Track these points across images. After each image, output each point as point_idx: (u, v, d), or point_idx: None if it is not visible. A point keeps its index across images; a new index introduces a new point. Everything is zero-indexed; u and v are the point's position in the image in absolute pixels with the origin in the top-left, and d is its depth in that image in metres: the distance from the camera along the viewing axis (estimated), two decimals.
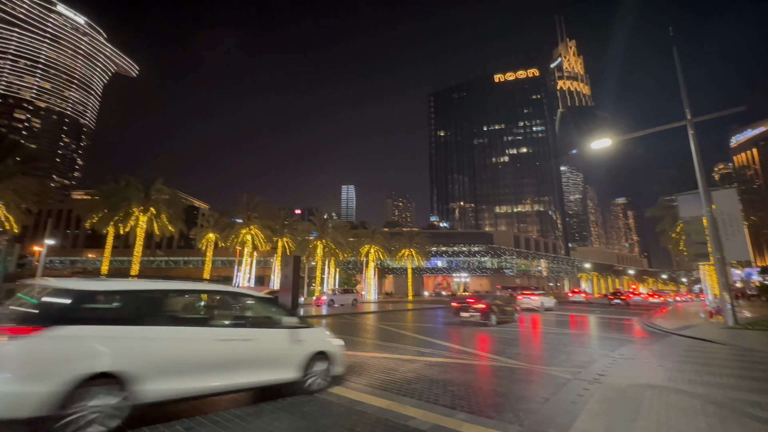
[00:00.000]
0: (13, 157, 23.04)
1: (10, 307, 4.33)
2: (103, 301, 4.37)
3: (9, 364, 3.42)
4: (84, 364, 3.67)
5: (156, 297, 4.68)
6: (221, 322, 5.23)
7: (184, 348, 4.40)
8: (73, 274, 57.88)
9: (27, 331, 3.52)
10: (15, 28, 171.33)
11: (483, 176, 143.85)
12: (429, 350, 9.99)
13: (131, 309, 4.32)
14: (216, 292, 5.64)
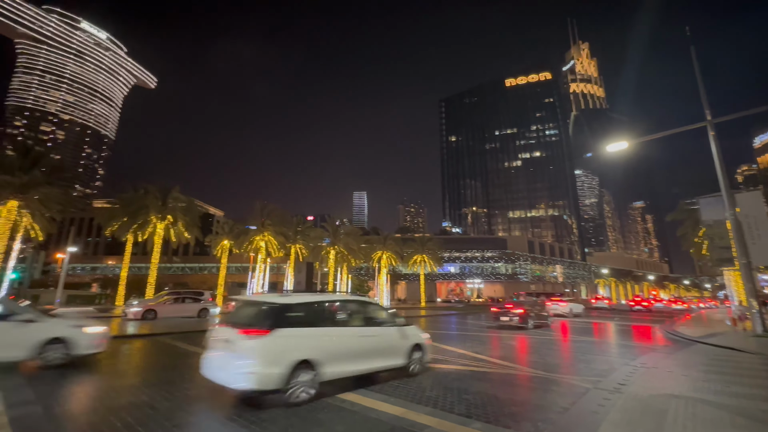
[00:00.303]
0: (39, 168, 23.96)
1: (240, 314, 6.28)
2: (295, 310, 6.00)
3: (255, 354, 5.17)
4: (294, 354, 5.47)
5: (321, 306, 6.63)
6: (359, 323, 6.96)
7: (342, 342, 6.24)
8: (93, 281, 59.53)
9: (262, 333, 5.34)
10: (43, 46, 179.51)
11: (496, 181, 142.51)
12: (441, 357, 9.84)
13: (310, 315, 6.21)
14: (355, 301, 7.48)
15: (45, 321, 7.99)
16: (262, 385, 5.12)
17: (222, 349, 5.63)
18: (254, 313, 5.97)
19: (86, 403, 5.94)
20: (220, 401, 5.75)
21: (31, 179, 23.00)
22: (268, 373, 5.14)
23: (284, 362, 5.28)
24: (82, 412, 5.42)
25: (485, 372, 7.98)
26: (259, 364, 5.11)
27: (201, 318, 21.78)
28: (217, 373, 5.52)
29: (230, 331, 5.58)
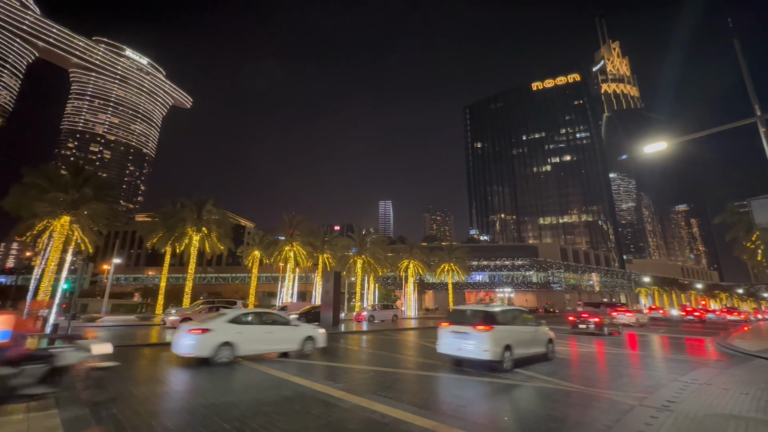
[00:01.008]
0: (88, 186, 25.84)
1: None
2: (501, 315, 9.85)
3: (489, 341, 8.91)
4: (505, 340, 9.30)
5: (510, 313, 10.55)
6: (525, 324, 10.81)
7: (522, 335, 10.14)
8: (135, 290, 62.92)
9: (490, 328, 9.11)
10: (92, 73, 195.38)
11: (524, 187, 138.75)
12: (474, 369, 9.58)
13: (507, 318, 10.09)
14: (518, 310, 11.39)
15: (302, 325, 12.30)
16: (493, 357, 8.91)
17: (458, 338, 9.52)
18: (481, 316, 9.66)
19: None
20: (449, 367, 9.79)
21: (81, 196, 24.81)
22: (496, 351, 8.95)
23: (501, 345, 9.10)
24: None
25: None
26: (491, 345, 8.91)
27: None
28: (456, 351, 9.57)
29: (464, 328, 9.52)
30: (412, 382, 8.20)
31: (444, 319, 10.84)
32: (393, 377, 8.66)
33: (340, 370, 9.43)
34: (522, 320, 10.82)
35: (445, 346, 9.78)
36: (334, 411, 5.73)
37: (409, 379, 8.62)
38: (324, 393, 6.79)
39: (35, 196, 23.16)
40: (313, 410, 5.77)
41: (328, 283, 26.12)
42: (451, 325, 9.84)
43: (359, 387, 7.38)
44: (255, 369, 9.26)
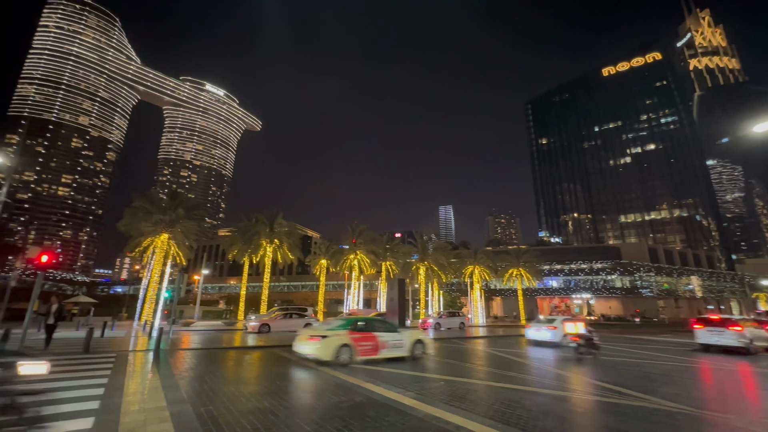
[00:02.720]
0: (181, 207, 29.54)
1: None
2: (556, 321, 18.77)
3: (555, 334, 17.88)
4: None
5: None
6: None
7: None
8: (220, 298, 69.81)
9: (554, 328, 18.29)
10: (180, 108, 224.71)
11: (599, 182, 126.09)
12: (555, 382, 8.83)
13: None
14: None
15: (409, 331, 13.72)
16: (562, 343, 15.86)
17: (541, 330, 18.39)
18: (547, 320, 19.12)
19: None
20: None
21: (176, 216, 28.41)
22: (561, 340, 16.51)
23: (561, 334, 16.42)
24: None
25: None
26: (557, 336, 17.16)
27: None
28: (539, 338, 18.52)
29: (545, 326, 18.55)
30: (486, 393, 7.80)
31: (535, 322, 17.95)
32: (465, 387, 8.34)
33: (410, 378, 9.35)
34: None
35: (533, 335, 19.49)
36: (407, 420, 5.67)
37: (481, 389, 8.23)
38: (395, 401, 6.77)
39: (141, 218, 27.06)
40: (386, 417, 5.77)
41: (393, 290, 26.29)
42: (537, 324, 18.88)
43: (431, 396, 7.23)
44: (333, 375, 9.61)
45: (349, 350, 11.00)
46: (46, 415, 4.46)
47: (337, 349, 10.77)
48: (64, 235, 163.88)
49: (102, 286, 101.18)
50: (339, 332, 11.23)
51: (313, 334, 11.21)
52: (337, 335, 11.07)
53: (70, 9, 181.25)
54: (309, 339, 11.07)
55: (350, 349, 11.02)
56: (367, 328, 11.87)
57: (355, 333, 11.44)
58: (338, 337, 11.01)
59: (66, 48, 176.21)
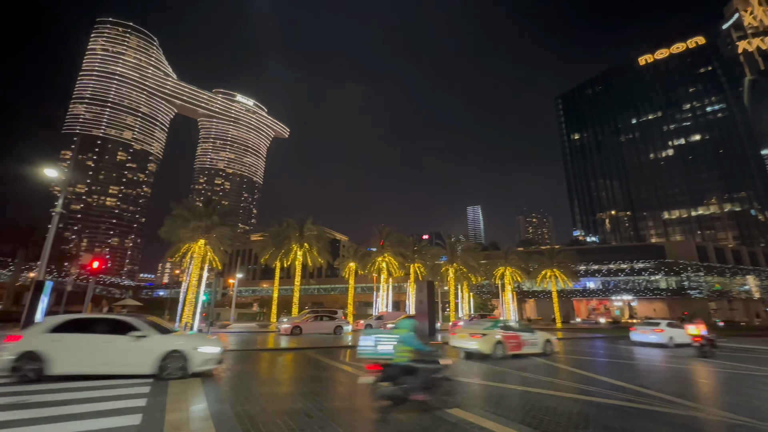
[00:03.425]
0: (216, 213, 30.89)
1: None
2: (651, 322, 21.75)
3: (665, 336, 19.94)
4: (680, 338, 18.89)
5: None
6: None
7: None
8: (254, 301, 72.10)
9: (661, 331, 20.26)
10: (213, 119, 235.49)
11: (639, 177, 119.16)
12: (593, 388, 8.40)
13: None
14: None
15: (539, 332, 14.99)
16: (668, 345, 18.81)
17: (648, 332, 19.94)
18: (652, 323, 21.00)
19: None
20: None
21: (212, 222, 29.72)
22: (667, 341, 19.11)
23: (668, 336, 19.34)
24: None
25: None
26: (663, 338, 19.20)
27: (336, 335, 23.90)
28: (644, 340, 19.96)
29: (651, 329, 20.21)
30: (521, 399, 7.54)
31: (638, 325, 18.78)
32: (498, 392, 8.11)
33: (551, 369, 9.21)
34: None
35: (638, 337, 20.27)
36: (440, 424, 5.58)
37: (516, 394, 7.96)
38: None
39: (180, 225, 28.52)
40: (419, 422, 5.71)
41: (422, 292, 26.09)
42: (641, 327, 19.36)
43: (463, 401, 7.08)
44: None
45: (502, 346, 13.16)
46: None
47: (494, 345, 13.08)
48: (111, 242, 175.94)
49: (146, 290, 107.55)
50: (493, 331, 13.51)
51: (473, 332, 13.56)
52: (493, 333, 13.35)
53: (113, 32, 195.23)
54: (471, 336, 13.35)
55: (503, 345, 13.18)
56: (511, 328, 14.20)
57: (505, 332, 13.63)
58: (494, 335, 13.24)
59: (111, 68, 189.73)
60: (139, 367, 8.41)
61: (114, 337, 8.50)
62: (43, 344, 8.01)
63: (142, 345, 8.54)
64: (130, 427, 5.22)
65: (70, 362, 8.07)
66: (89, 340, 8.34)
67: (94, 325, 8.66)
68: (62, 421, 5.37)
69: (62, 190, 23.94)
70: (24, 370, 7.82)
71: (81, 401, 6.51)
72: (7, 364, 7.79)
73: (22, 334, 8.41)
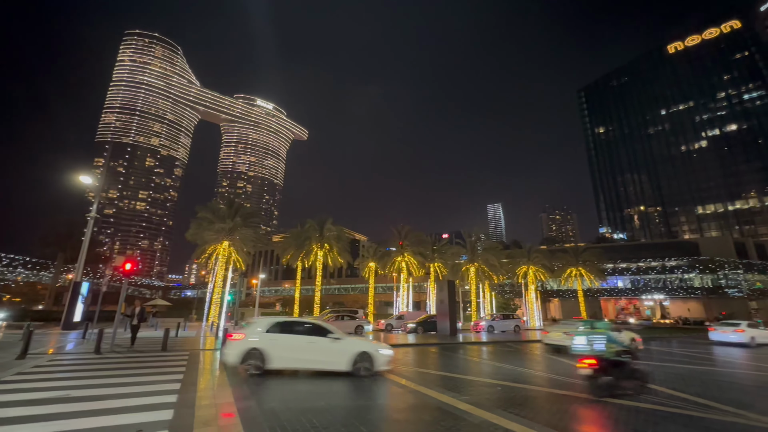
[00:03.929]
0: (239, 216, 31.70)
1: None
2: None
3: (745, 336, 20.53)
4: None
5: None
6: None
7: None
8: (276, 300, 73.59)
9: (741, 331, 20.94)
10: (235, 124, 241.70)
11: (669, 171, 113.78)
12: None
13: None
14: None
15: (624, 331, 15.26)
16: (750, 344, 19.68)
17: (728, 332, 19.70)
18: (733, 324, 20.78)
19: None
20: None
21: (235, 224, 30.54)
22: (749, 341, 19.91)
23: (750, 336, 20.29)
24: None
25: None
26: (744, 338, 19.74)
27: (357, 334, 24.02)
28: (725, 339, 19.80)
29: (732, 329, 20.03)
30: (547, 401, 7.36)
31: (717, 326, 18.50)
32: (523, 393, 7.95)
33: (464, 382, 9.12)
34: None
35: (718, 337, 20.30)
36: (462, 425, 5.53)
37: (542, 396, 7.78)
38: (450, 405, 6.63)
39: (206, 227, 29.46)
40: (441, 421, 5.68)
41: (442, 292, 25.90)
42: (720, 328, 18.94)
43: (487, 401, 6.98)
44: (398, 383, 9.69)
45: None
46: None
47: None
48: (141, 244, 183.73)
49: (174, 290, 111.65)
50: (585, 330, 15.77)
51: (569, 331, 14.90)
52: None
53: (140, 43, 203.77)
54: (567, 335, 14.78)
55: None
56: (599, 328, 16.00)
57: None
58: None
59: (138, 78, 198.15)
60: (338, 365, 9.44)
61: (316, 338, 9.61)
62: (263, 342, 9.15)
63: (339, 346, 9.62)
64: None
65: (283, 359, 9.21)
66: (297, 340, 9.47)
67: (297, 328, 9.89)
68: None
69: (96, 195, 25.15)
70: (250, 365, 8.91)
71: None
72: (237, 359, 8.89)
73: (243, 333, 9.43)
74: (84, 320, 23.15)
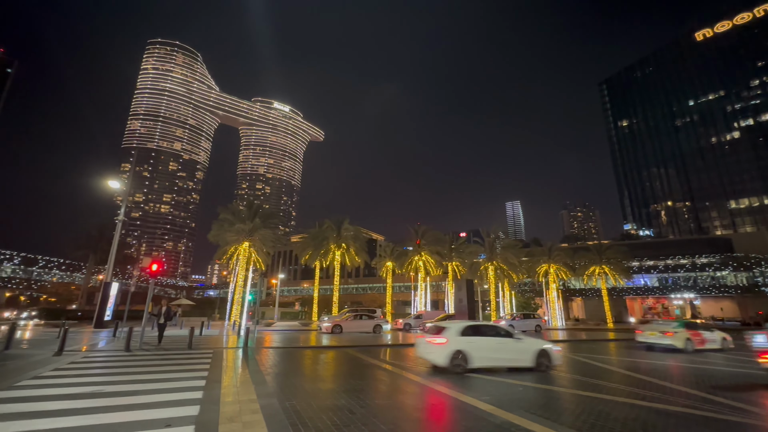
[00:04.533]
0: (258, 217, 32.34)
1: None
2: None
3: None
4: None
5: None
6: None
7: None
8: (295, 300, 74.62)
9: None
10: (253, 127, 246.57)
11: (698, 164, 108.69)
12: (651, 393, 7.80)
13: None
14: None
15: (717, 330, 17.25)
16: None
17: None
18: None
19: None
20: None
21: (254, 225, 31.17)
22: None
23: None
24: None
25: None
26: None
27: (375, 333, 24.12)
28: None
29: None
30: (570, 402, 7.18)
31: None
32: (546, 394, 7.79)
33: (483, 381, 9.01)
34: None
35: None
36: (483, 425, 5.46)
37: (565, 398, 7.59)
38: (471, 405, 6.56)
39: (226, 228, 30.20)
40: (462, 422, 5.63)
41: (461, 291, 25.65)
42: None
43: (508, 402, 6.87)
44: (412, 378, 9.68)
45: (691, 342, 15.83)
46: None
47: (685, 341, 15.77)
48: (166, 246, 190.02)
49: (198, 290, 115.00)
50: (681, 329, 16.17)
51: (664, 330, 16.53)
52: (682, 331, 16.07)
53: (162, 51, 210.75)
54: (664, 334, 16.25)
55: (691, 342, 15.85)
56: (696, 327, 16.72)
57: (690, 330, 16.24)
58: (684, 333, 15.97)
59: (161, 85, 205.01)
60: (523, 362, 10.53)
61: (504, 339, 10.74)
62: (463, 345, 10.15)
63: (523, 345, 10.74)
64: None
65: (482, 358, 10.17)
66: (490, 342, 10.54)
67: (485, 330, 10.93)
68: None
69: (123, 199, 26.13)
70: (456, 365, 9.89)
71: None
72: (446, 361, 9.92)
73: (446, 337, 10.35)
74: (114, 319, 24.17)
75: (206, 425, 5.19)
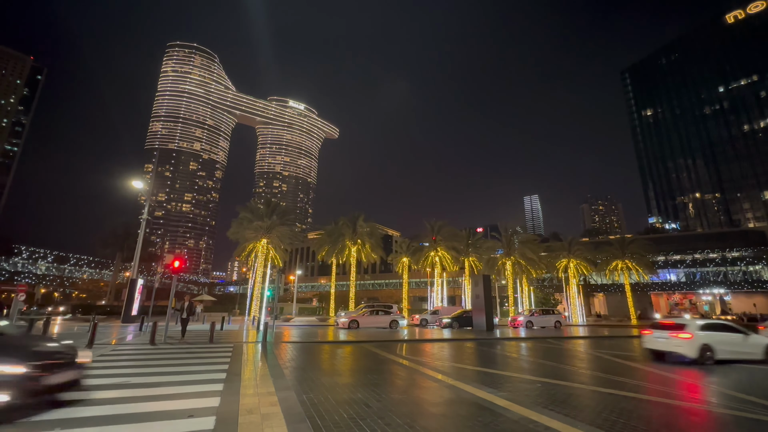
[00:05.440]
0: (275, 214, 32.90)
1: None
2: None
3: None
4: None
5: None
6: None
7: None
8: (313, 296, 75.68)
9: None
10: (269, 126, 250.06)
11: (729, 154, 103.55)
12: (670, 391, 7.53)
13: None
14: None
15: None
16: None
17: None
18: None
19: None
20: None
21: (272, 223, 31.74)
22: None
23: None
24: None
25: None
26: None
27: (392, 329, 24.20)
28: None
29: None
30: (591, 399, 7.02)
31: None
32: (565, 391, 7.62)
33: (502, 378, 8.91)
34: None
35: None
36: (500, 421, 5.41)
37: (585, 395, 7.43)
38: (488, 400, 6.51)
39: (245, 226, 30.86)
40: (479, 417, 5.59)
41: (477, 287, 25.42)
42: None
43: (526, 398, 6.78)
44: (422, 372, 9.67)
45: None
46: None
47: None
48: (188, 244, 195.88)
49: (218, 287, 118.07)
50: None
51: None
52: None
53: (181, 54, 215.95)
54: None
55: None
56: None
57: None
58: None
59: (180, 87, 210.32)
60: (755, 356, 12.04)
61: (738, 335, 12.12)
62: (708, 339, 11.54)
63: (754, 340, 12.26)
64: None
65: (724, 351, 11.58)
66: (727, 337, 11.91)
67: (720, 327, 12.22)
68: None
69: (147, 199, 27.01)
70: (704, 358, 11.31)
71: None
72: (696, 353, 11.28)
73: (691, 333, 11.55)
74: (140, 314, 25.14)
75: (226, 416, 5.34)
